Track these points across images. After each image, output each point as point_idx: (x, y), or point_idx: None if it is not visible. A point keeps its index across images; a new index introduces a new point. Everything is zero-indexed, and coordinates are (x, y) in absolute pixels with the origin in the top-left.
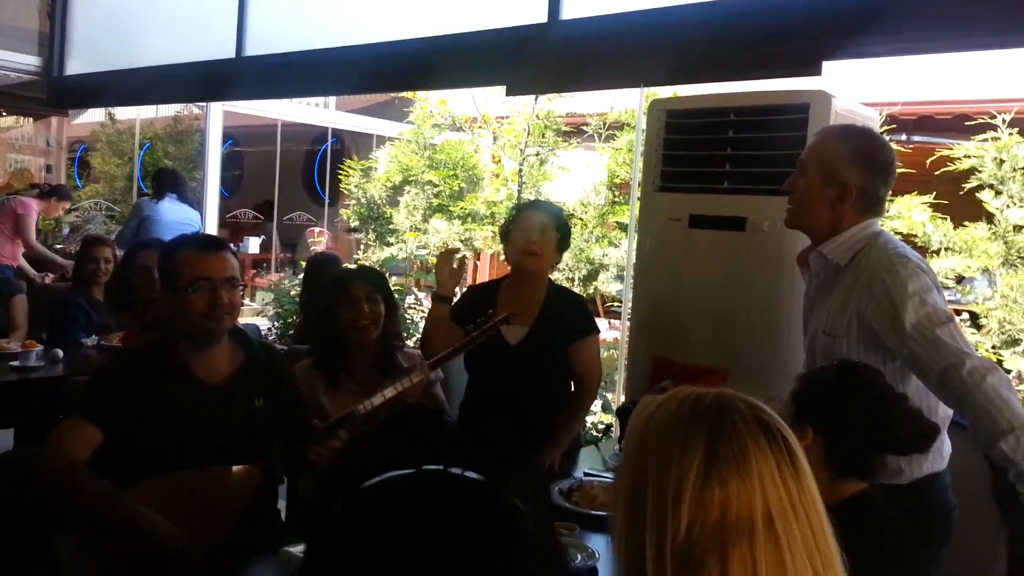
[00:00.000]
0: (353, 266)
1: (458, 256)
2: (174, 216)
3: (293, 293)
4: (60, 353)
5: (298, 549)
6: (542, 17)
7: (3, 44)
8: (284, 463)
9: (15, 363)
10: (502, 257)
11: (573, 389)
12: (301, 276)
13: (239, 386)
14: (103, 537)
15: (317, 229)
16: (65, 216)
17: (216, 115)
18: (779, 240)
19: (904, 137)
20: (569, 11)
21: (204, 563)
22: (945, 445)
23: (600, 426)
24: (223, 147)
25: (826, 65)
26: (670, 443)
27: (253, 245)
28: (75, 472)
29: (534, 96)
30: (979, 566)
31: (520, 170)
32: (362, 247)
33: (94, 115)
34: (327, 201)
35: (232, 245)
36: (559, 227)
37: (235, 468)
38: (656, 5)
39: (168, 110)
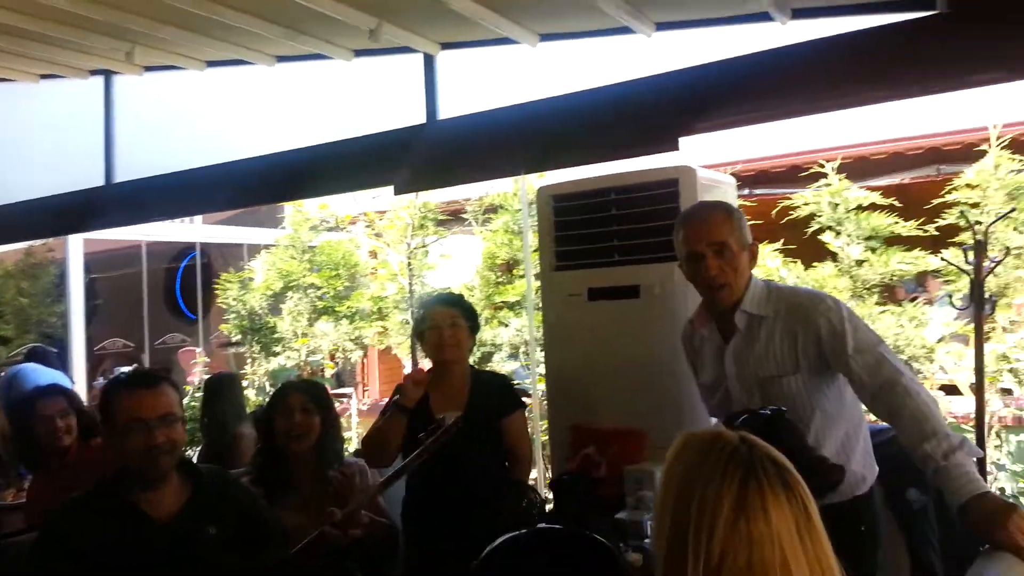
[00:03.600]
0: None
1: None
2: (43, 372)
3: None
4: None
5: None
6: (421, 119)
7: None
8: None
9: None
10: (397, 352)
11: (508, 463)
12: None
13: (190, 517)
14: None
15: (197, 349)
16: None
17: (76, 245)
18: (670, 302)
19: (747, 191)
20: (445, 112)
21: None
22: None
23: None
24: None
25: (682, 140)
26: (706, 482)
27: None
28: None
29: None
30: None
31: (409, 263)
32: (249, 360)
33: None
34: (192, 317)
35: (102, 377)
36: (466, 314)
37: None
38: (522, 99)
39: (18, 244)
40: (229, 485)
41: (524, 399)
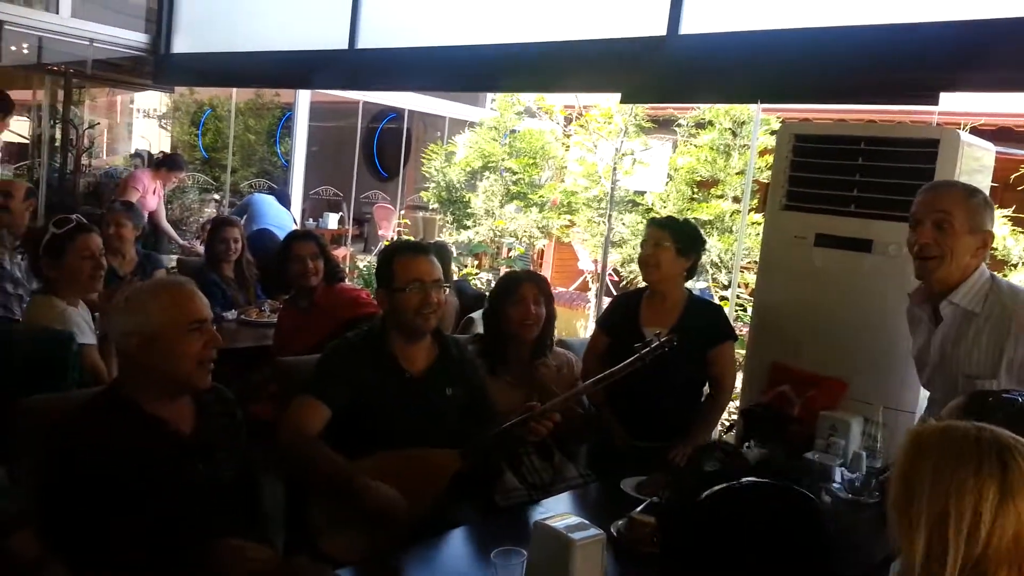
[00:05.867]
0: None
1: None
2: (274, 212)
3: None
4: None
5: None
6: (661, 30)
7: (111, 20)
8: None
9: None
10: (582, 247)
11: (708, 391)
12: None
13: (435, 376)
14: (335, 500)
15: (391, 208)
16: None
17: (304, 94)
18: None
19: None
20: (688, 26)
21: (413, 531)
22: None
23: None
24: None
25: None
26: (963, 473)
27: (332, 221)
28: (312, 442)
29: None
30: None
31: (614, 168)
32: (441, 228)
33: None
34: (384, 176)
35: (311, 220)
36: (676, 237)
37: (439, 451)
38: (774, 25)
39: None
40: (465, 355)
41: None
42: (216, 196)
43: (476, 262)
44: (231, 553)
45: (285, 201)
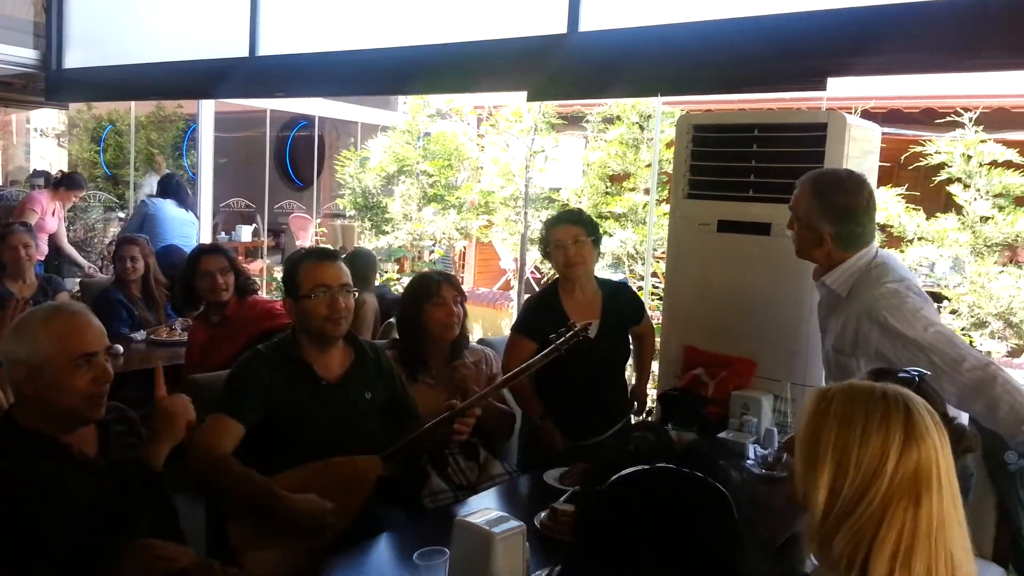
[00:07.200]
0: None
1: None
2: (175, 215)
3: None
4: (120, 348)
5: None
6: (562, 28)
7: None
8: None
9: None
10: (502, 246)
11: (643, 347)
12: None
13: (351, 381)
14: (254, 517)
15: (308, 218)
16: None
17: (207, 104)
18: None
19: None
20: (587, 23)
21: (339, 539)
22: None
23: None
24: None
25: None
26: (869, 423)
27: (246, 233)
28: (223, 461)
29: None
30: (974, 523)
31: (527, 166)
32: (360, 235)
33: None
34: (299, 184)
35: (224, 233)
36: (588, 230)
37: (360, 457)
38: (670, 20)
39: None
40: (382, 358)
41: None
42: (120, 214)
43: (397, 267)
44: (141, 552)
45: (182, 196)
